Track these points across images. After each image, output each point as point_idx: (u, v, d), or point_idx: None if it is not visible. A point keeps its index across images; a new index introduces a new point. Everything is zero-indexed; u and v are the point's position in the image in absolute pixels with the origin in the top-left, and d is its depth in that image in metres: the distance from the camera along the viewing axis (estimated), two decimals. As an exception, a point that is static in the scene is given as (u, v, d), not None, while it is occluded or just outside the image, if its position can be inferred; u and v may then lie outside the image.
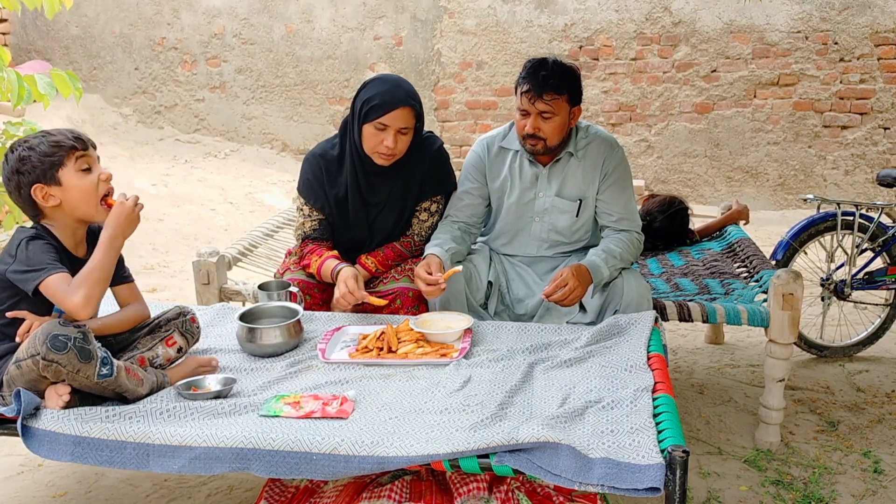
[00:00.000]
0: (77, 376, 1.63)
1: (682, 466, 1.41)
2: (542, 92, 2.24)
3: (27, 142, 1.78)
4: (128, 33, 6.54)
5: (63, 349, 1.59)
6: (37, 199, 1.77)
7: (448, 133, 6.24)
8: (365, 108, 2.25)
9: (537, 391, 1.78)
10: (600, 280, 2.27)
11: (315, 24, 6.30)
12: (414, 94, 2.29)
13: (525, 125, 2.30)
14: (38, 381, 1.66)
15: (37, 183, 1.76)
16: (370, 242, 2.47)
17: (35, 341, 1.61)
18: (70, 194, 1.78)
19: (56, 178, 1.77)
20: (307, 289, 2.40)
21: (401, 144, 2.27)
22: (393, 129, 2.23)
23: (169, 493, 2.21)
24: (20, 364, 1.64)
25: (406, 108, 2.23)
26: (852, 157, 5.73)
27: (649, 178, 6.04)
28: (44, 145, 1.76)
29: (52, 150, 1.76)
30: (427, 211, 2.49)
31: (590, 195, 2.40)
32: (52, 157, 1.76)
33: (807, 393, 2.88)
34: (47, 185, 1.76)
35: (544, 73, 2.25)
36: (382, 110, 2.21)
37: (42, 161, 1.75)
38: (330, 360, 1.97)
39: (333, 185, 2.39)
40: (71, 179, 1.77)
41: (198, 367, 1.91)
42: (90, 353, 1.63)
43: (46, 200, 1.77)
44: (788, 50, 5.63)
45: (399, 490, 1.73)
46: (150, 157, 6.08)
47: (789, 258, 3.16)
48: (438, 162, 2.46)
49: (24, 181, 1.76)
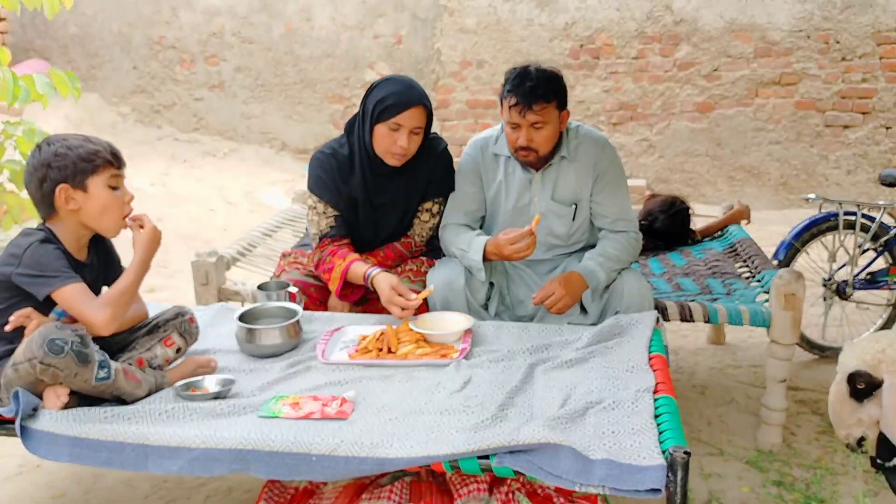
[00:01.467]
0: (75, 380, 1.62)
1: (683, 467, 1.40)
2: (532, 103, 2.19)
3: (66, 140, 1.77)
4: (126, 32, 6.53)
5: (60, 353, 1.58)
6: (58, 198, 1.75)
7: (448, 132, 6.23)
8: (378, 109, 2.24)
9: (538, 392, 1.77)
10: (597, 284, 2.25)
11: (314, 23, 6.28)
12: (426, 95, 2.30)
13: (517, 138, 2.25)
14: (36, 384, 1.65)
15: (64, 183, 1.75)
16: (373, 242, 2.45)
17: (32, 345, 1.60)
18: (92, 204, 1.77)
19: (85, 184, 1.76)
20: (304, 288, 2.39)
21: (413, 145, 2.27)
22: (407, 129, 2.23)
23: (168, 495, 2.20)
24: (17, 367, 1.63)
25: (420, 108, 2.23)
26: (854, 157, 5.72)
27: (651, 178, 6.03)
28: (82, 149, 1.76)
29: (90, 157, 1.76)
30: (429, 212, 2.47)
31: (584, 198, 2.38)
32: (88, 164, 1.76)
33: (809, 394, 2.87)
34: (73, 189, 1.76)
35: (531, 84, 2.19)
36: (396, 110, 2.21)
37: (76, 164, 1.75)
38: (329, 360, 1.97)
39: (346, 183, 2.37)
40: (99, 191, 1.77)
41: (196, 367, 1.90)
42: (88, 356, 1.62)
43: (66, 203, 1.76)
44: (790, 49, 5.62)
45: (399, 491, 1.72)
46: (148, 157, 6.06)
47: (791, 258, 3.15)
48: (443, 163, 2.45)
49: (51, 176, 1.74)
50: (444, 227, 2.45)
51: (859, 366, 1.73)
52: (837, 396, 1.79)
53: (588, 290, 2.28)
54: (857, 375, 1.73)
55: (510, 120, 2.25)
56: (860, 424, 1.77)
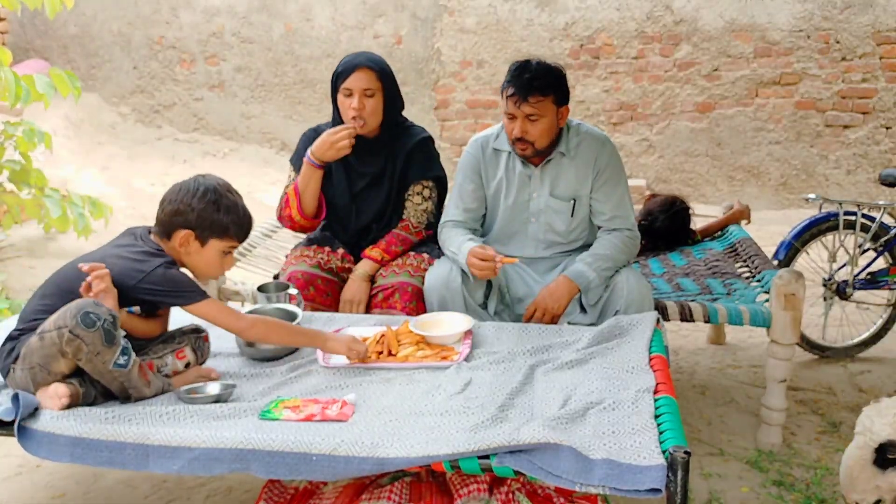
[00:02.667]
0: (95, 359, 1.63)
1: (683, 467, 1.40)
2: (528, 94, 2.22)
3: (222, 198, 1.83)
4: (126, 32, 6.53)
5: (92, 327, 1.60)
6: (176, 236, 1.81)
7: (448, 132, 6.23)
8: (333, 80, 2.43)
9: (538, 393, 1.77)
10: (587, 284, 2.27)
11: (314, 23, 6.28)
12: (376, 59, 2.43)
13: (513, 129, 2.29)
14: (54, 359, 1.64)
15: (190, 230, 1.81)
16: (357, 219, 2.52)
17: (66, 314, 1.62)
18: (199, 258, 1.85)
19: (207, 241, 1.83)
20: (312, 279, 2.41)
21: (368, 107, 2.38)
22: (357, 92, 2.36)
23: (168, 495, 2.20)
24: (44, 336, 1.64)
25: (364, 69, 2.37)
26: (854, 157, 5.72)
27: (650, 178, 6.02)
28: (227, 216, 1.82)
29: (227, 227, 1.83)
30: (420, 195, 2.52)
31: (583, 194, 2.39)
32: (220, 229, 1.82)
33: (809, 394, 2.86)
34: (195, 239, 1.82)
35: (528, 76, 2.24)
36: (345, 75, 2.38)
37: (213, 225, 1.81)
38: (330, 364, 1.96)
39: None
40: (212, 253, 1.85)
41: (198, 376, 1.91)
42: (115, 337, 1.64)
43: (181, 245, 1.82)
44: (790, 49, 5.61)
45: (399, 491, 1.72)
46: (148, 157, 6.06)
47: (791, 258, 3.15)
48: (423, 145, 2.53)
49: (188, 218, 1.80)
50: (442, 225, 2.47)
51: (892, 435, 1.63)
52: (858, 462, 1.69)
53: (582, 292, 2.29)
54: (889, 446, 1.64)
55: (507, 110, 2.29)
56: (877, 491, 1.68)
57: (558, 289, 2.27)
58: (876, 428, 1.66)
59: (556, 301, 2.26)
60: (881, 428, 1.65)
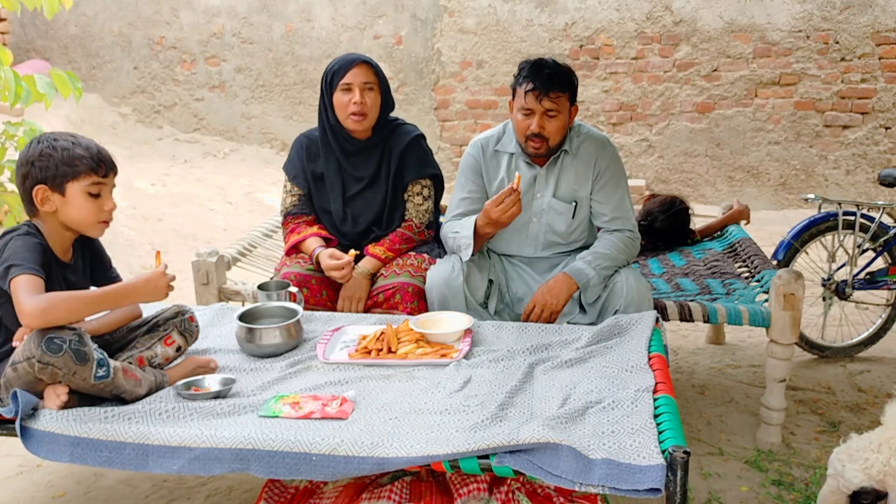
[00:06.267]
0: (73, 378, 1.62)
1: (682, 467, 1.40)
2: (549, 90, 2.23)
3: (56, 140, 1.75)
4: (127, 32, 6.53)
5: (58, 352, 1.58)
6: (35, 198, 1.74)
7: (448, 132, 6.23)
8: (329, 78, 2.43)
9: (538, 392, 1.78)
10: (586, 281, 2.27)
11: (315, 23, 6.28)
12: (368, 58, 2.45)
13: (529, 125, 2.28)
14: (36, 383, 1.64)
15: (43, 184, 1.73)
16: (353, 223, 2.53)
17: (30, 344, 1.60)
18: (69, 209, 1.75)
19: (63, 188, 1.74)
20: (304, 281, 2.41)
21: (369, 101, 2.40)
22: (357, 86, 2.38)
23: (168, 494, 2.20)
24: (16, 367, 1.63)
25: (363, 64, 2.40)
26: (853, 157, 5.72)
27: (650, 178, 6.03)
28: (67, 152, 1.73)
29: (72, 161, 1.73)
30: (420, 195, 2.54)
31: (584, 195, 2.40)
32: (69, 168, 1.73)
33: (808, 393, 2.87)
34: (51, 191, 1.74)
35: (548, 72, 2.25)
36: (343, 71, 2.39)
37: (58, 166, 1.72)
38: (329, 360, 1.97)
39: (312, 161, 2.54)
40: (76, 197, 1.75)
41: (196, 367, 1.90)
42: (86, 355, 1.61)
43: (43, 203, 1.74)
44: (789, 49, 5.62)
45: (399, 491, 1.72)
46: (148, 157, 6.06)
47: (790, 258, 3.15)
48: (416, 144, 2.55)
49: (33, 174, 1.73)
50: (444, 225, 2.47)
51: (865, 482, 1.58)
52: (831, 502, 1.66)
53: (581, 289, 2.29)
54: (863, 493, 1.59)
55: (525, 106, 2.28)
56: None
57: (557, 285, 2.27)
58: (848, 475, 1.59)
59: (554, 297, 2.26)
60: (853, 475, 1.59)
